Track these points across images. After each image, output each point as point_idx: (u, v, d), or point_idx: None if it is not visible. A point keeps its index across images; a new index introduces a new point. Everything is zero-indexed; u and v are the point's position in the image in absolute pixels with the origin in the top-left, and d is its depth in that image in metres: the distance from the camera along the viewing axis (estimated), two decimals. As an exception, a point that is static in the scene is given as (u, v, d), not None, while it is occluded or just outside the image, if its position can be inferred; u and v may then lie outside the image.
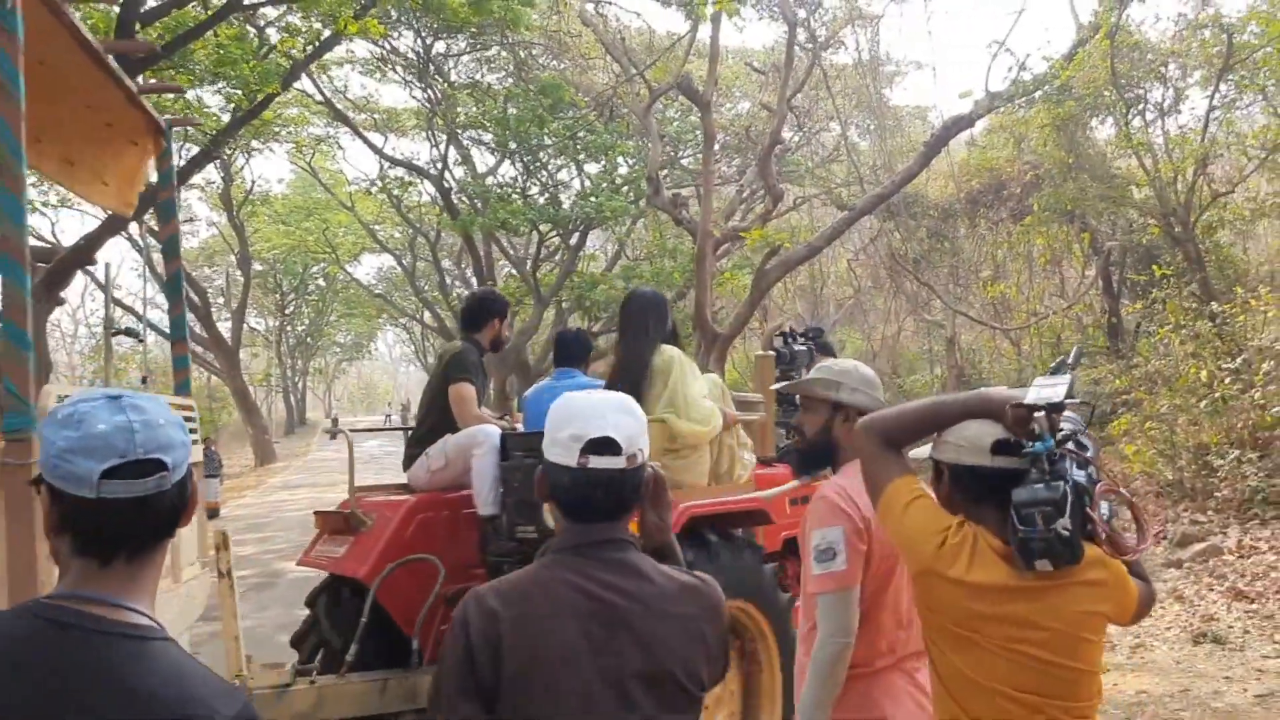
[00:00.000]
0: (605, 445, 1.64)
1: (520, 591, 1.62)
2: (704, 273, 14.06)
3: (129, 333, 17.38)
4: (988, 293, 18.68)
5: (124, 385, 28.18)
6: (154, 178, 5.33)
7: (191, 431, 3.74)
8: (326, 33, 14.46)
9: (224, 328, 34.12)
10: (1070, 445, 1.91)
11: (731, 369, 20.33)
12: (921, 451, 2.16)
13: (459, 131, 22.08)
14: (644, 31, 18.35)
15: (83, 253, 13.30)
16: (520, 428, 4.66)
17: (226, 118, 15.89)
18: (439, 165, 23.22)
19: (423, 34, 19.94)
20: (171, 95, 11.29)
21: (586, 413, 1.68)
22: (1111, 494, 1.97)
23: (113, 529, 1.30)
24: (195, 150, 16.95)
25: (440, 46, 21.03)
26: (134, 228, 23.46)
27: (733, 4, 11.46)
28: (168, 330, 5.46)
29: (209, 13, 12.65)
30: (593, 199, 20.06)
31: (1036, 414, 1.91)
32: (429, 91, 21.90)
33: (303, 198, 33.28)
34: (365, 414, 69.55)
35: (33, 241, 20.21)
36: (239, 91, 14.12)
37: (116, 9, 10.01)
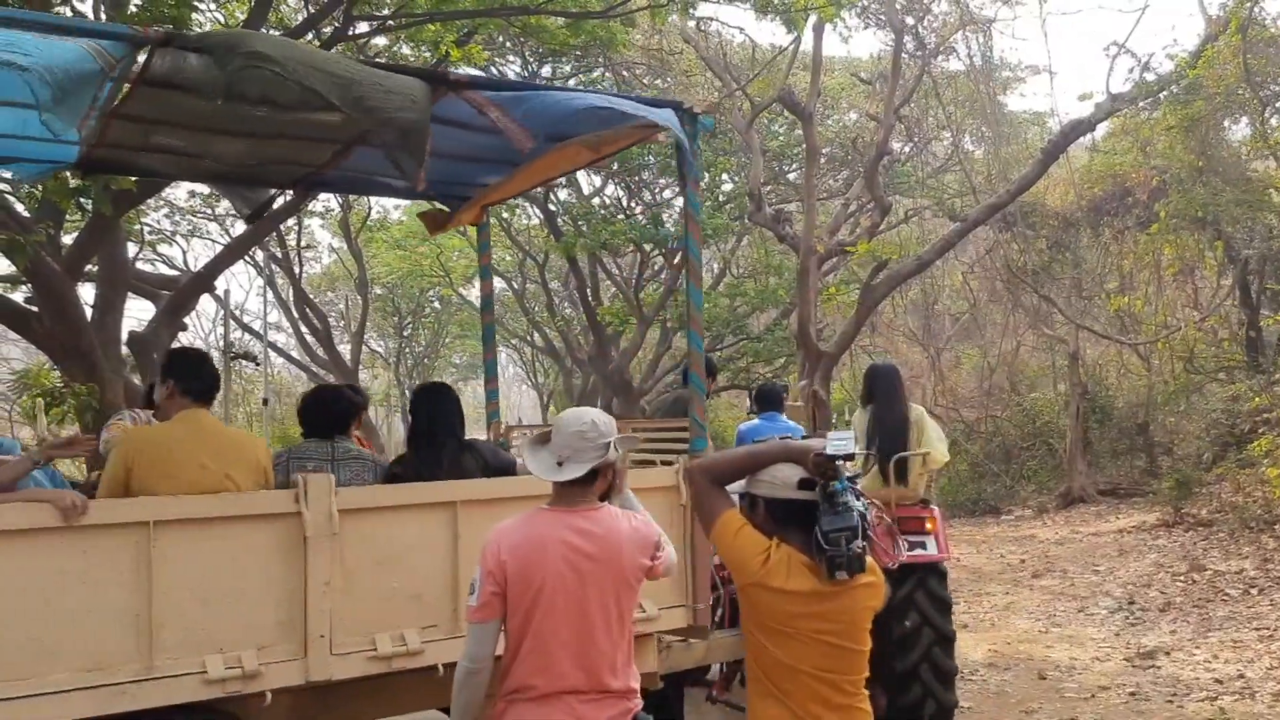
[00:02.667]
0: None
1: None
2: (807, 289, 13.76)
3: (247, 356, 18.08)
4: (1113, 305, 17.72)
5: (249, 406, 29.41)
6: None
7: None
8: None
9: (344, 350, 35.27)
10: (856, 484, 2.54)
11: (839, 388, 19.79)
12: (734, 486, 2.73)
13: (565, 153, 22.24)
14: (746, 46, 18.14)
15: (204, 279, 13.80)
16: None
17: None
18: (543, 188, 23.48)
19: (529, 59, 20.22)
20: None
21: None
22: (880, 520, 2.67)
23: None
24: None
25: (546, 70, 21.28)
26: (258, 253, 24.58)
27: (831, 9, 11.10)
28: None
29: (318, 43, 13.04)
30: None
31: (837, 461, 2.48)
32: (535, 115, 22.13)
33: (418, 223, 34.02)
34: (479, 433, 70.95)
35: (164, 269, 21.02)
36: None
37: None
